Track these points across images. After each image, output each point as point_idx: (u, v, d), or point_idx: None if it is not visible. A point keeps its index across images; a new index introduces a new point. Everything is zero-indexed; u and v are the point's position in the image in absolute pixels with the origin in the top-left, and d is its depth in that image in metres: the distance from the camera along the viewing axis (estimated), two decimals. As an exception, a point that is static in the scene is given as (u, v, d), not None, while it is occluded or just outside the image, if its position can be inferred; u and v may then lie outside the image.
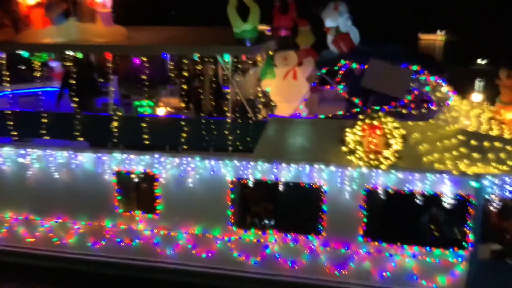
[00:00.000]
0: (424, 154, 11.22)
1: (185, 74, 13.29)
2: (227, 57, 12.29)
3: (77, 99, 13.66)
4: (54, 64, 17.28)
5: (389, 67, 11.10)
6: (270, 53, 12.59)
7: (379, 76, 11.12)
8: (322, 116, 12.04)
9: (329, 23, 12.80)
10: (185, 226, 13.17)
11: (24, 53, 13.13)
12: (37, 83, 15.39)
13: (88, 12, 12.98)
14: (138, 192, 13.42)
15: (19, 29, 13.06)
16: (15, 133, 13.60)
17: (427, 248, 11.77)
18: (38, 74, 14.06)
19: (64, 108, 14.55)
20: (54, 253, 14.04)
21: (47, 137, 13.42)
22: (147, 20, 13.69)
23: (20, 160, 13.65)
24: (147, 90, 12.97)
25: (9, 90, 14.72)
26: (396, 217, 11.83)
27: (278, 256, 12.71)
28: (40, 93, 15.06)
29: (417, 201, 11.48)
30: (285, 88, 12.17)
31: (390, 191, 11.67)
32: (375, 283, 12.28)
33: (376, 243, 12.12)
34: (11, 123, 13.46)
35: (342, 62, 11.89)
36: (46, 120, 13.31)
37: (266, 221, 12.87)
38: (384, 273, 12.17)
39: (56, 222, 13.93)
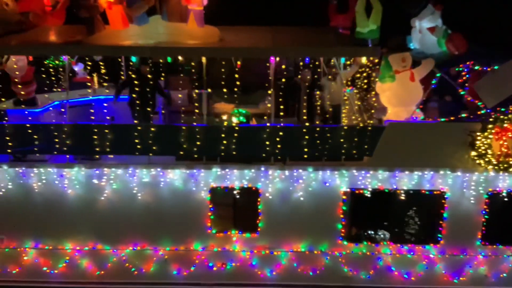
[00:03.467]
0: None
1: (283, 79, 12.15)
2: (343, 60, 11.45)
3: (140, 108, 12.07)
4: (77, 68, 15.29)
5: None
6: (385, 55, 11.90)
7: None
8: (442, 120, 11.62)
9: (426, 23, 12.44)
10: (288, 244, 12.10)
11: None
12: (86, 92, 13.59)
13: (177, 10, 11.40)
14: (236, 210, 12.07)
15: (95, 29, 11.15)
16: (83, 150, 11.59)
17: None
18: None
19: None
20: (130, 285, 12.24)
21: (109, 154, 11.69)
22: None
23: (94, 181, 11.71)
24: (243, 96, 11.73)
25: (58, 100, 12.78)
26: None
27: (392, 269, 12.09)
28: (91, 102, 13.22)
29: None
30: (402, 91, 11.58)
31: (512, 193, 11.53)
32: (491, 284, 12.10)
33: (494, 246, 11.96)
34: (74, 139, 11.40)
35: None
36: (118, 134, 11.43)
37: (380, 233, 12.17)
38: (500, 275, 12.03)
39: (134, 249, 12.16)
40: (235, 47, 11.34)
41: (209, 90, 12.33)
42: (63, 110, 12.49)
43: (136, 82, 11.89)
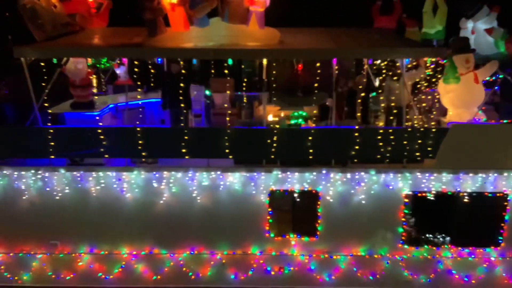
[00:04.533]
0: None
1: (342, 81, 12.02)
2: (407, 61, 11.31)
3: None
4: (118, 71, 15.15)
5: None
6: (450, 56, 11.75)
7: None
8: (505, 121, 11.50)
9: (482, 25, 12.34)
10: (347, 247, 11.95)
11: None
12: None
13: (239, 12, 11.23)
14: (294, 213, 11.91)
15: (157, 31, 10.96)
16: (144, 153, 11.40)
17: None
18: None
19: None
20: (187, 290, 12.09)
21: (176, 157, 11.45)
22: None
23: (153, 184, 11.54)
24: (304, 99, 11.58)
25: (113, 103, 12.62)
26: None
27: (453, 272, 11.95)
28: (140, 104, 13.06)
29: None
30: (466, 93, 11.45)
31: None
32: None
33: None
34: (140, 141, 11.25)
35: None
36: (186, 137, 11.29)
37: (439, 236, 12.02)
38: None
39: (191, 253, 12.00)
40: (303, 48, 11.15)
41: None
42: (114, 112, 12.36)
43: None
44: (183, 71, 12.56)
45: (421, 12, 13.18)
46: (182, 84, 12.24)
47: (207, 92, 13.80)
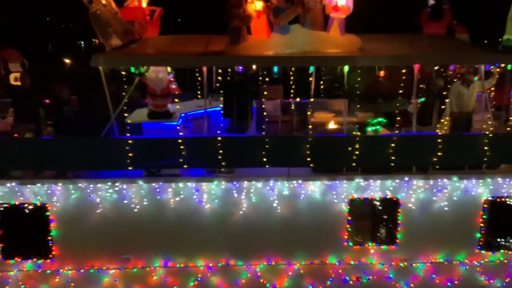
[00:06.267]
0: None
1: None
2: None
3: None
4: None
5: None
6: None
7: None
8: None
9: None
10: (426, 255, 11.90)
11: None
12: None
13: (320, 18, 11.12)
14: (374, 221, 11.80)
15: (241, 39, 10.73)
16: (224, 163, 11.14)
17: None
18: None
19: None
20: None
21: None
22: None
23: (233, 194, 11.30)
24: (384, 105, 11.51)
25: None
26: None
27: (529, 276, 12.01)
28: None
29: None
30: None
31: None
32: None
33: None
34: (220, 151, 10.99)
35: None
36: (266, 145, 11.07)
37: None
38: None
39: (268, 264, 11.76)
40: (390, 55, 11.05)
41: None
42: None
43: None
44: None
45: (471, 19, 13.28)
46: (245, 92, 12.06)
47: None
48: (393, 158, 11.15)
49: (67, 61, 36.53)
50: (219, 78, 12.51)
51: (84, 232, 11.33)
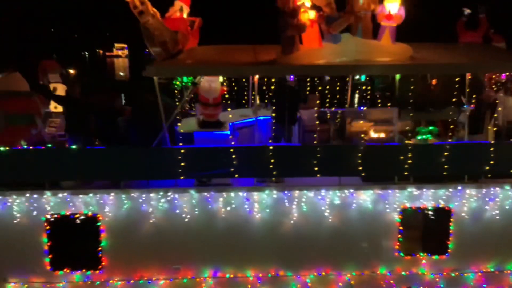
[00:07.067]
0: None
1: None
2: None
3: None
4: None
5: None
6: None
7: None
8: None
9: None
10: (477, 264, 11.77)
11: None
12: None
13: (370, 27, 11.12)
14: (425, 231, 11.68)
15: (294, 48, 10.70)
16: (275, 172, 11.08)
17: None
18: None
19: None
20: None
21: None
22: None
23: (284, 204, 11.22)
24: (436, 113, 11.46)
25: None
26: None
27: None
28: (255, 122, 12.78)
29: None
30: None
31: None
32: None
33: None
34: (272, 160, 10.93)
35: None
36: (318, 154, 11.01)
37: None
38: None
39: (318, 275, 11.65)
40: (443, 63, 11.04)
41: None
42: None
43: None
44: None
45: (507, 28, 13.25)
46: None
47: None
48: (446, 167, 11.07)
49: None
50: (268, 87, 12.51)
51: (134, 242, 11.26)
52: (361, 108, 13.95)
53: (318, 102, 13.66)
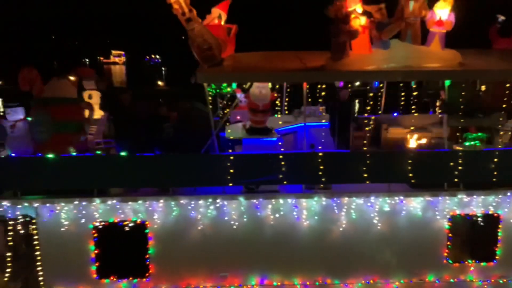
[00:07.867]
0: None
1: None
2: None
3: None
4: (239, 95, 14.80)
5: None
6: None
7: None
8: None
9: None
10: (524, 271, 11.67)
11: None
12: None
13: (419, 33, 11.07)
14: (474, 238, 11.58)
15: (344, 54, 10.66)
16: (323, 179, 10.99)
17: None
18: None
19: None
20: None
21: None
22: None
23: (333, 210, 11.15)
24: (484, 119, 11.39)
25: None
26: None
27: None
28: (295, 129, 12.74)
29: None
30: None
31: None
32: None
33: None
34: (321, 167, 10.86)
35: None
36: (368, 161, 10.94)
37: None
38: None
39: (366, 283, 11.55)
40: (495, 69, 10.98)
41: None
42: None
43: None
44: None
45: None
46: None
47: None
48: (495, 173, 10.98)
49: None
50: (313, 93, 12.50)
51: (182, 250, 11.19)
52: (395, 114, 13.88)
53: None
